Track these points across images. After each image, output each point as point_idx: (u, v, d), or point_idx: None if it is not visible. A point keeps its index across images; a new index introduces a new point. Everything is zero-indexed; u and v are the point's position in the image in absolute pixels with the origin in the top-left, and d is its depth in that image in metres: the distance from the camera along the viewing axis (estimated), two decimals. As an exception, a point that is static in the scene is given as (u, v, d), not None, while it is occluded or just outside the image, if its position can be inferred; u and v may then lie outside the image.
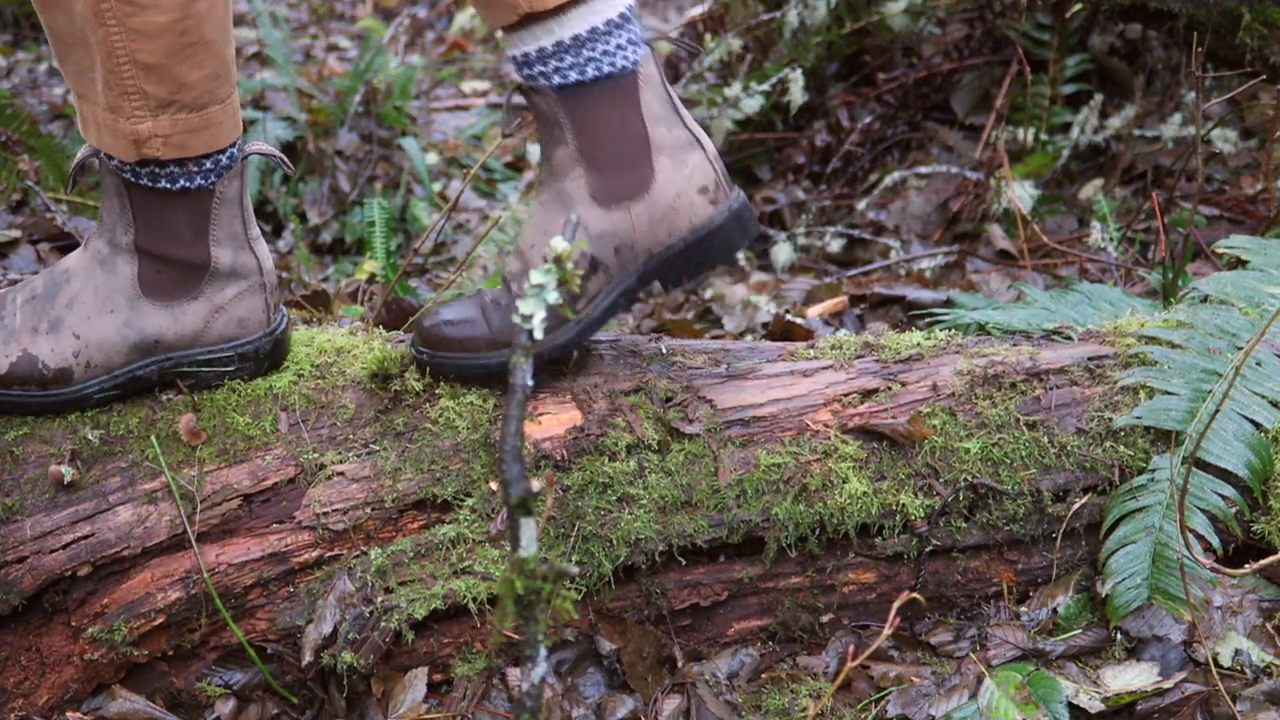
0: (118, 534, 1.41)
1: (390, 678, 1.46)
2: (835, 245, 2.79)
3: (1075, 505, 1.49)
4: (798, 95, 2.84)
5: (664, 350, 1.57)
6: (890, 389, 1.52)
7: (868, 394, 1.52)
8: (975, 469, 1.48)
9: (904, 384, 1.53)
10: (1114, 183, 2.64)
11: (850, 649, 1.25)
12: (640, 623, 1.50)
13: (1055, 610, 1.48)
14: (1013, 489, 1.48)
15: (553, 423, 1.47)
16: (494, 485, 1.45)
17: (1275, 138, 2.19)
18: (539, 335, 0.97)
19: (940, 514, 1.48)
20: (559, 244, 0.97)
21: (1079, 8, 2.71)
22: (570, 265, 0.97)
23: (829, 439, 1.48)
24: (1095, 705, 1.35)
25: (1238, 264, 1.76)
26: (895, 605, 1.17)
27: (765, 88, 2.91)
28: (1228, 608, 1.45)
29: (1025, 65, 2.66)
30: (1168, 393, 1.50)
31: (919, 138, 3.00)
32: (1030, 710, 1.33)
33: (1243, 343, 1.54)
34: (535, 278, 0.96)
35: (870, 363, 1.55)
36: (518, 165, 3.64)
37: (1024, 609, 1.50)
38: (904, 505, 1.47)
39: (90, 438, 1.45)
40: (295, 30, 4.69)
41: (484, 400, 1.49)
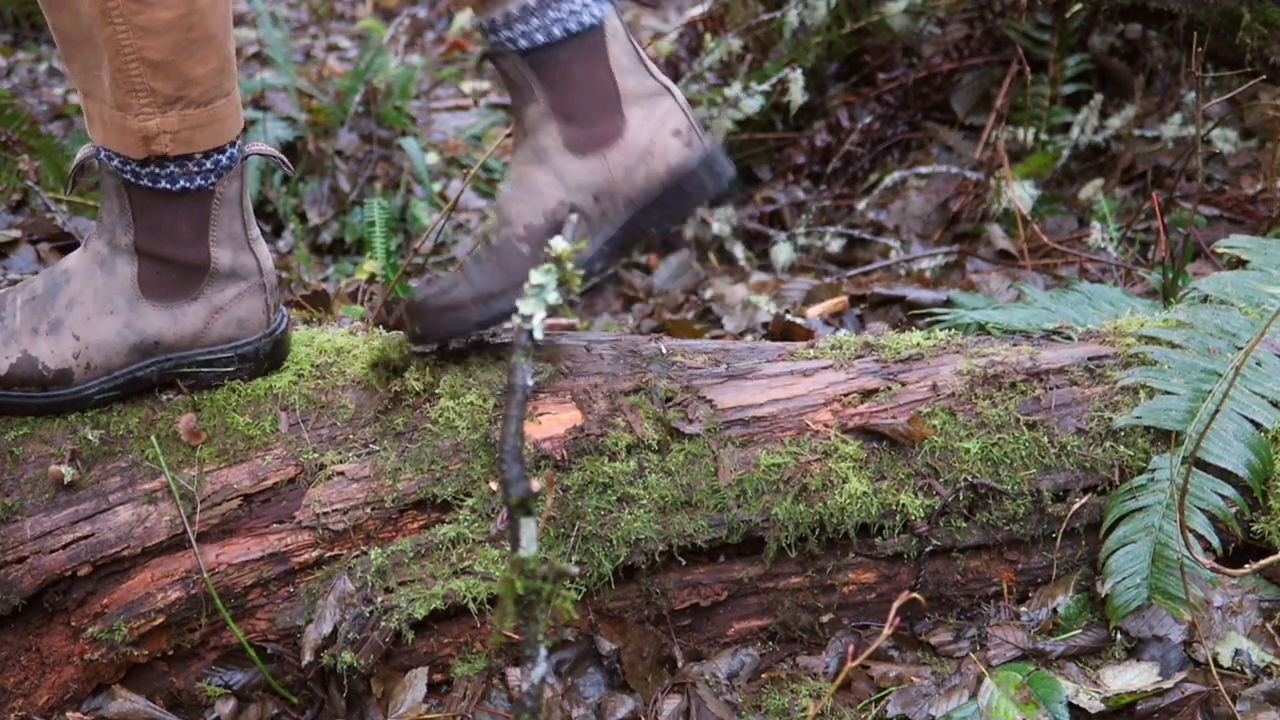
0: (118, 534, 1.41)
1: (390, 678, 1.46)
2: (835, 245, 2.79)
3: (1075, 505, 1.49)
4: (798, 95, 2.84)
5: (664, 350, 1.57)
6: (890, 389, 1.52)
7: (868, 394, 1.52)
8: (975, 469, 1.48)
9: (904, 384, 1.52)
10: (1114, 183, 2.64)
11: (850, 649, 1.25)
12: (640, 623, 1.50)
13: (1055, 610, 1.48)
14: (1013, 489, 1.48)
15: (553, 423, 1.47)
16: (494, 485, 1.45)
17: (1276, 137, 2.19)
18: (539, 334, 0.97)
19: (940, 514, 1.48)
20: (559, 244, 0.97)
21: (1079, 8, 2.71)
22: (570, 265, 0.97)
23: (829, 439, 1.48)
24: (1095, 705, 1.35)
25: (1238, 264, 1.76)
26: (895, 605, 1.17)
27: (765, 88, 2.91)
28: (1228, 608, 1.45)
29: (1025, 65, 2.66)
30: (1168, 393, 1.50)
31: (919, 138, 3.00)
32: (1030, 710, 1.33)
33: (1243, 343, 1.54)
34: (535, 278, 0.96)
35: (870, 363, 1.55)
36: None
37: (1024, 609, 1.50)
38: (904, 505, 1.47)
39: (90, 438, 1.45)
40: (295, 30, 4.69)
41: (484, 400, 1.49)
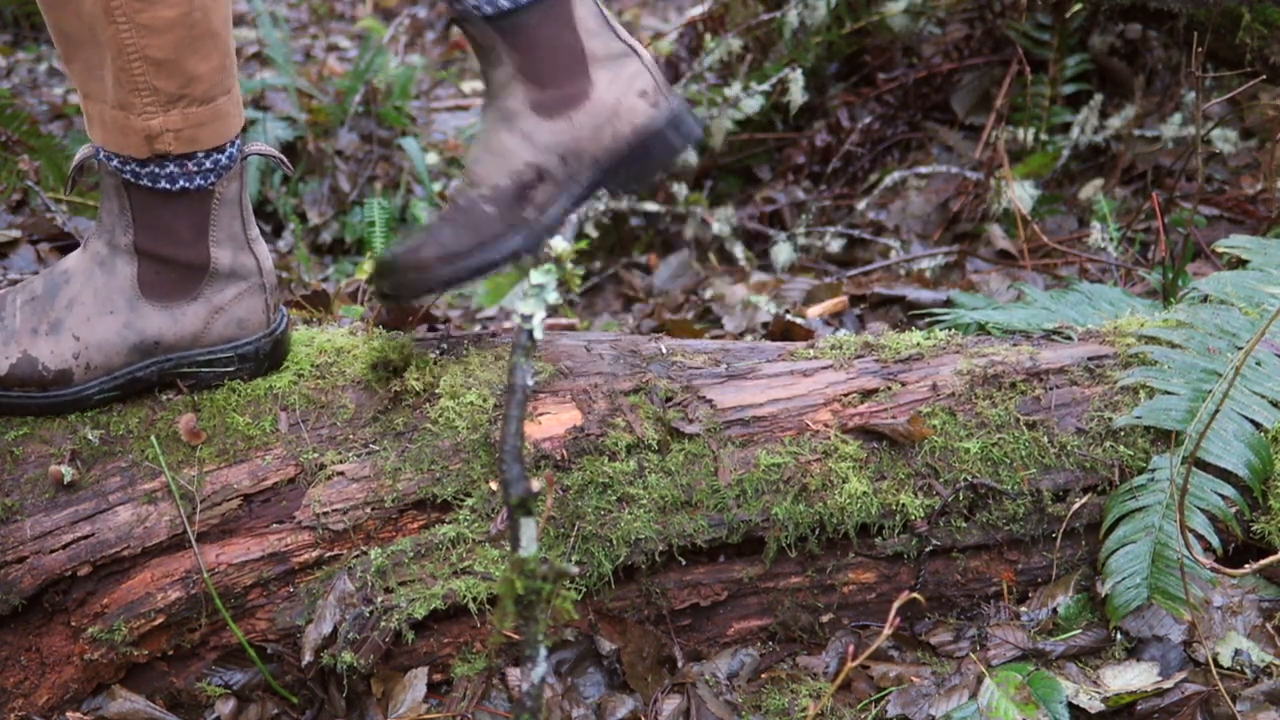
0: (118, 534, 1.41)
1: (390, 678, 1.46)
2: (835, 245, 2.79)
3: (1075, 505, 1.49)
4: (798, 95, 2.84)
5: (664, 350, 1.57)
6: (890, 389, 1.52)
7: (868, 394, 1.52)
8: (975, 469, 1.48)
9: (904, 384, 1.52)
10: (1114, 183, 2.64)
11: (850, 649, 1.25)
12: (640, 623, 1.50)
13: (1055, 610, 1.48)
14: (1013, 489, 1.48)
15: (553, 423, 1.47)
16: (494, 485, 1.45)
17: (1275, 137, 2.19)
18: (539, 334, 0.97)
19: (940, 514, 1.48)
20: (559, 244, 0.97)
21: (1079, 8, 2.71)
22: (570, 265, 0.97)
23: (829, 439, 1.48)
24: (1095, 705, 1.35)
25: (1238, 264, 1.76)
26: (895, 605, 1.17)
27: (765, 88, 2.91)
28: (1228, 608, 1.45)
29: (1025, 65, 2.66)
30: (1168, 392, 1.50)
31: (919, 138, 3.00)
32: (1030, 710, 1.33)
33: (1243, 342, 1.54)
34: (535, 278, 0.96)
35: (870, 363, 1.55)
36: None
37: (1024, 609, 1.50)
38: (904, 505, 1.47)
39: (90, 438, 1.45)
40: (295, 30, 4.69)
41: (484, 400, 1.49)
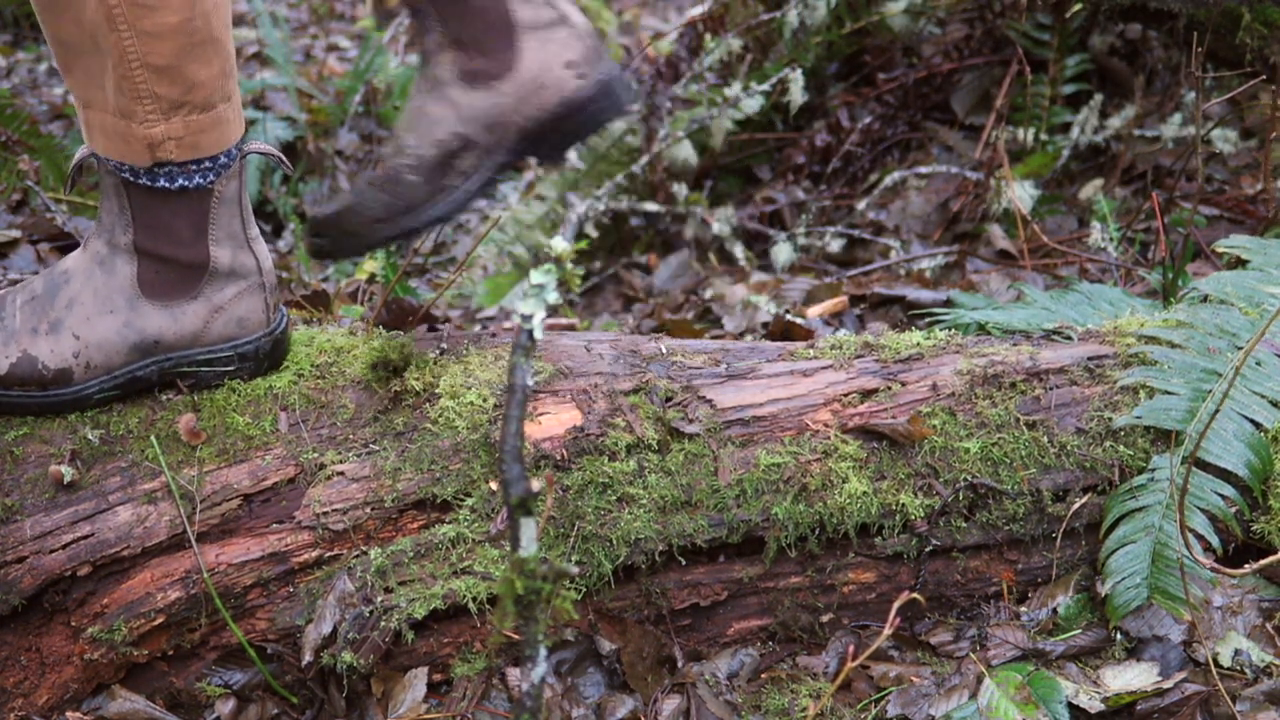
0: (118, 534, 1.41)
1: (390, 678, 1.46)
2: (835, 245, 2.79)
3: (1075, 505, 1.49)
4: (798, 95, 2.84)
5: (664, 350, 1.57)
6: (890, 389, 1.52)
7: (868, 394, 1.52)
8: (975, 469, 1.48)
9: (904, 384, 1.52)
10: (1114, 183, 2.64)
11: (850, 649, 1.25)
12: (640, 623, 1.50)
13: (1055, 610, 1.48)
14: (1013, 489, 1.48)
15: (553, 423, 1.47)
16: (494, 485, 1.45)
17: (1275, 137, 2.19)
18: (539, 334, 0.97)
19: (940, 514, 1.48)
20: (559, 244, 0.97)
21: (1079, 8, 2.71)
22: (570, 265, 0.97)
23: (829, 439, 1.48)
24: (1095, 705, 1.35)
25: (1238, 264, 1.76)
26: (895, 605, 1.17)
27: (765, 88, 2.91)
28: (1228, 608, 1.45)
29: (1025, 65, 2.66)
30: (1168, 392, 1.50)
31: (919, 138, 3.00)
32: (1030, 710, 1.33)
33: (1243, 342, 1.54)
34: (535, 278, 0.96)
35: (870, 363, 1.55)
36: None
37: (1024, 609, 1.50)
38: (904, 505, 1.47)
39: (90, 438, 1.45)
40: (295, 30, 4.69)
41: (484, 400, 1.49)
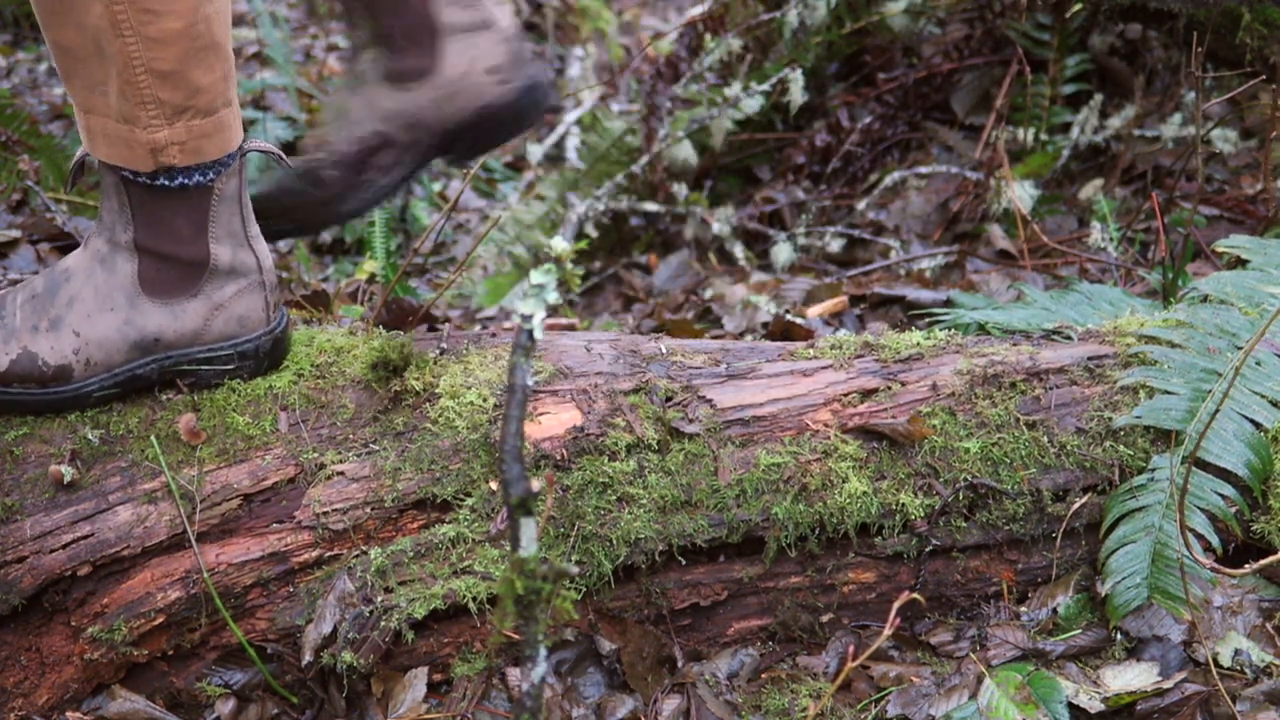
0: (118, 534, 1.41)
1: (390, 677, 1.46)
2: (835, 245, 2.79)
3: (1075, 505, 1.49)
4: (798, 95, 2.84)
5: (664, 350, 1.57)
6: (890, 389, 1.52)
7: (868, 394, 1.52)
8: (975, 469, 1.48)
9: (904, 384, 1.52)
10: (1114, 183, 2.64)
11: (850, 649, 1.25)
12: (640, 623, 1.50)
13: (1055, 610, 1.48)
14: (1012, 489, 1.48)
15: (553, 423, 1.47)
16: (494, 485, 1.45)
17: (1275, 137, 2.19)
18: (539, 334, 0.97)
19: (940, 514, 1.48)
20: (559, 244, 0.97)
21: (1079, 8, 2.71)
22: (570, 265, 0.97)
23: (829, 439, 1.48)
24: (1095, 705, 1.35)
25: (1238, 264, 1.76)
26: (895, 605, 1.16)
27: (765, 88, 2.91)
28: (1228, 608, 1.45)
29: (1025, 65, 2.66)
30: (1168, 392, 1.50)
31: (919, 138, 3.00)
32: (1030, 710, 1.33)
33: (1243, 342, 1.54)
34: (535, 278, 0.96)
35: (870, 362, 1.55)
36: (518, 165, 3.64)
37: (1024, 609, 1.50)
38: (904, 505, 1.47)
39: (90, 437, 1.45)
40: (295, 30, 4.68)
41: (484, 400, 1.49)
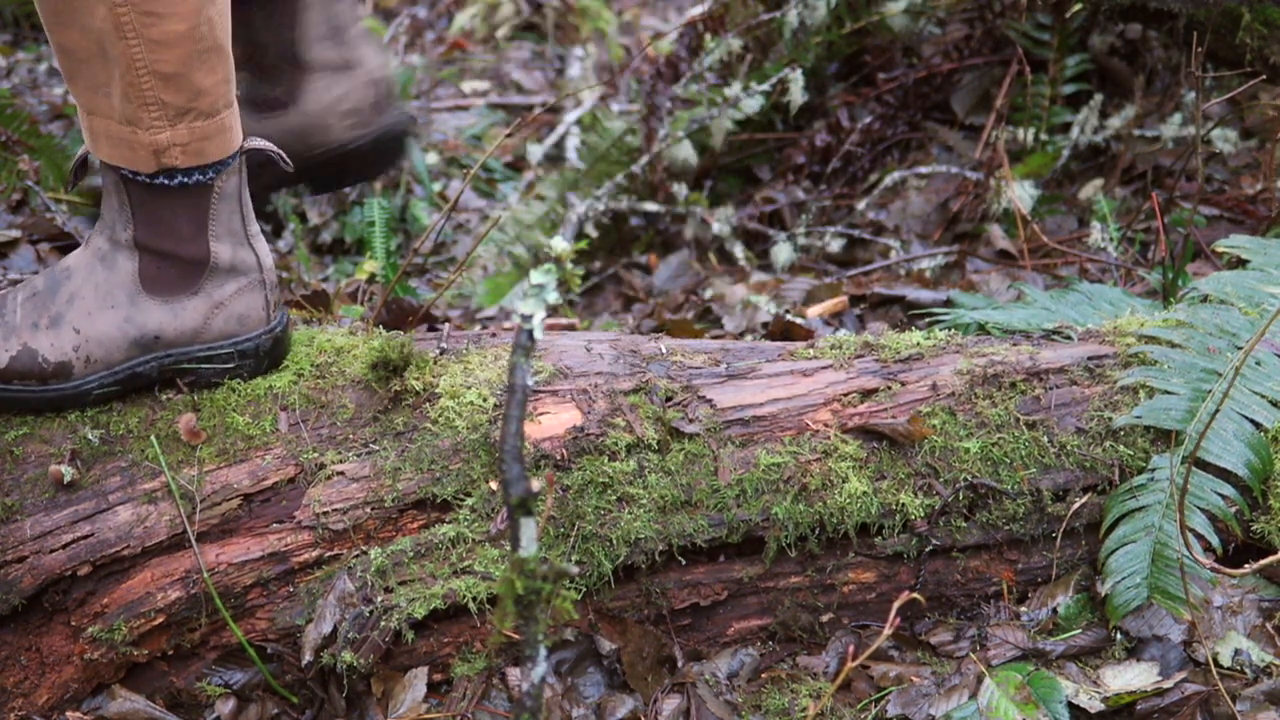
0: (118, 534, 1.41)
1: (390, 677, 1.46)
2: (835, 245, 2.79)
3: (1075, 505, 1.49)
4: (798, 95, 2.83)
5: (664, 350, 1.57)
6: (890, 389, 1.52)
7: (868, 394, 1.52)
8: (975, 468, 1.48)
9: (904, 384, 1.52)
10: (1114, 183, 2.64)
11: (850, 649, 1.25)
12: (640, 623, 1.50)
13: (1055, 610, 1.48)
14: (1012, 488, 1.48)
15: (553, 423, 1.47)
16: (494, 485, 1.45)
17: (1275, 137, 2.19)
18: (539, 334, 0.97)
19: (940, 514, 1.48)
20: (559, 244, 0.97)
21: (1079, 8, 2.71)
22: (570, 265, 0.97)
23: (829, 438, 1.48)
24: (1095, 705, 1.35)
25: (1238, 264, 1.76)
26: (895, 605, 1.16)
27: (765, 88, 2.91)
28: (1228, 607, 1.45)
29: (1025, 65, 2.66)
30: (1167, 392, 1.50)
31: (919, 138, 3.00)
32: (1030, 710, 1.33)
33: (1243, 342, 1.54)
34: (535, 278, 0.96)
35: (870, 362, 1.55)
36: (518, 165, 3.64)
37: (1024, 609, 1.50)
38: (904, 505, 1.47)
39: (90, 437, 1.45)
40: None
41: (484, 400, 1.49)
